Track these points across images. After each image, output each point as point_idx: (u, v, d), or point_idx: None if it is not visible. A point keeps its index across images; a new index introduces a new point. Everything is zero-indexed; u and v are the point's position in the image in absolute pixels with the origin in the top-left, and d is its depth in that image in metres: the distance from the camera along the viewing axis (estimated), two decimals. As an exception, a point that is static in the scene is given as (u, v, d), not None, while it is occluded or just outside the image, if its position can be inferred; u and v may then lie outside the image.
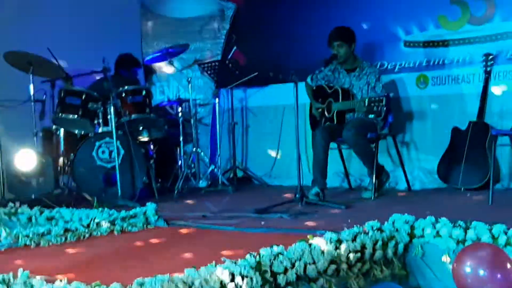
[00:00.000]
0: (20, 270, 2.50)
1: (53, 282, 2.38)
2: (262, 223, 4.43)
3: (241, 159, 7.51)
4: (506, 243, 3.03)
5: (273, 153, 7.34)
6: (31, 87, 6.07)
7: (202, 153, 7.01)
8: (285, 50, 7.14)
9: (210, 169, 6.93)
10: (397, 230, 3.39)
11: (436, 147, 6.02)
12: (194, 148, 6.90)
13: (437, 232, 3.33)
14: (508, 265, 2.68)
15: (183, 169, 6.71)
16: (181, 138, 6.88)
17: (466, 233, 3.23)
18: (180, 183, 6.49)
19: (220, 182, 6.67)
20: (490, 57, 5.71)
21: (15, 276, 2.48)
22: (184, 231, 4.41)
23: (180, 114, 6.88)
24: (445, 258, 3.18)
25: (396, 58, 6.37)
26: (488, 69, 5.70)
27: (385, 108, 5.04)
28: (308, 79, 5.95)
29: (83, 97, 5.94)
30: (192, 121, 6.94)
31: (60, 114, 5.93)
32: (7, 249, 3.88)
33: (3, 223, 5.14)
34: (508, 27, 5.75)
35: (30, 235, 3.98)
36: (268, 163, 7.33)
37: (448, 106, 6.10)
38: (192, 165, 6.98)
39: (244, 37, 7.56)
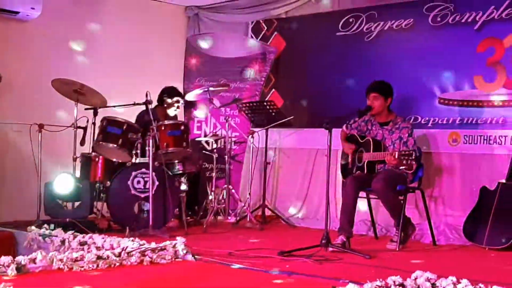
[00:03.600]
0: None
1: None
2: (287, 266, 4.49)
3: (270, 198, 7.57)
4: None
5: (302, 195, 7.40)
6: (75, 113, 6.27)
7: (233, 190, 7.09)
8: (321, 97, 7.27)
9: (240, 206, 7.01)
10: (418, 286, 3.44)
11: (463, 204, 6.05)
12: (226, 184, 7.00)
13: (458, 292, 3.38)
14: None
15: (213, 204, 6.80)
16: (213, 173, 7.00)
17: (486, 296, 3.26)
18: (210, 217, 6.59)
19: (248, 219, 6.73)
20: (524, 121, 5.74)
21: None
22: (210, 267, 4.49)
23: (215, 150, 7.03)
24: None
25: (430, 114, 6.42)
26: (521, 132, 5.74)
27: (415, 163, 5.11)
28: (344, 127, 6.02)
29: (124, 127, 6.10)
30: (226, 157, 7.04)
31: (100, 142, 6.08)
32: (41, 271, 3.99)
33: (37, 244, 5.30)
34: (544, 93, 5.81)
35: (64, 260, 4.09)
36: (297, 204, 7.41)
37: (478, 165, 6.11)
38: (223, 201, 7.06)
39: (283, 80, 7.72)
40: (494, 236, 5.49)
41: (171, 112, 6.90)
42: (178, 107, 6.96)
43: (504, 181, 5.65)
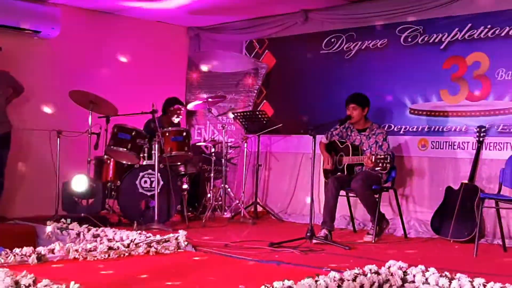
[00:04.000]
0: (72, 283, 2.59)
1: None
2: (276, 256, 4.49)
3: (262, 196, 7.56)
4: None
5: (289, 194, 7.39)
6: (90, 121, 6.25)
7: (229, 189, 7.08)
8: (307, 107, 7.27)
9: (235, 203, 7.00)
10: (392, 274, 3.45)
11: (431, 202, 6.06)
12: (223, 184, 7.00)
13: (426, 279, 3.38)
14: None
15: (211, 201, 6.79)
16: (212, 174, 6.98)
17: (451, 283, 3.28)
18: (208, 213, 6.57)
19: (242, 215, 6.72)
20: (483, 129, 5.74)
21: None
22: (209, 257, 4.49)
23: (213, 154, 7.02)
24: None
25: (402, 122, 6.43)
26: (481, 139, 5.74)
27: (389, 165, 5.12)
28: (323, 139, 6.00)
29: (133, 133, 6.09)
30: (222, 160, 7.04)
31: (112, 146, 6.07)
32: (59, 260, 3.97)
33: (55, 236, 5.28)
34: (500, 105, 5.80)
35: (79, 250, 4.08)
36: (285, 201, 7.40)
37: (444, 168, 6.13)
38: (220, 198, 7.05)
39: (273, 92, 7.72)
40: (458, 230, 5.52)
41: (174, 119, 6.88)
42: (180, 114, 6.94)
43: (466, 181, 5.70)
